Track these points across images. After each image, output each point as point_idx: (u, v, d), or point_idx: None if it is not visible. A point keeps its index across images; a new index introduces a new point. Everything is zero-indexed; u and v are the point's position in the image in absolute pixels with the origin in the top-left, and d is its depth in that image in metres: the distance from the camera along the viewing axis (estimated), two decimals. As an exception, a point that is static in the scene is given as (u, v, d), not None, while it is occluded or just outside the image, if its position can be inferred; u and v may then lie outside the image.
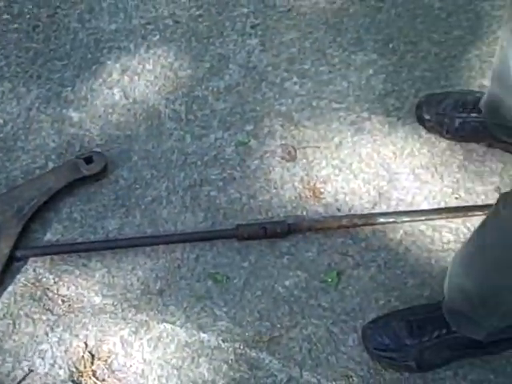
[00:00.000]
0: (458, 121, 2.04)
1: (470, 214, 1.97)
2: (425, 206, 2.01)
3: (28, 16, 2.39)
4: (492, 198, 1.99)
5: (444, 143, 2.10)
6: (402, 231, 1.97)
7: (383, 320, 1.81)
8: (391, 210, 2.00)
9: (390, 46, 2.28)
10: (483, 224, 1.50)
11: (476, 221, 1.95)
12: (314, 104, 2.19)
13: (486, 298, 1.54)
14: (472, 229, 1.94)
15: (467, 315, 1.64)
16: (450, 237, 1.96)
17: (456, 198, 2.01)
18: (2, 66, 2.28)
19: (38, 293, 1.88)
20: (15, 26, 2.37)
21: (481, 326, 1.63)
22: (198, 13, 2.39)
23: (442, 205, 2.01)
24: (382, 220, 1.96)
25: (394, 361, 1.77)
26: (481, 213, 1.94)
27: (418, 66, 2.24)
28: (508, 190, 1.38)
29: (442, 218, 1.97)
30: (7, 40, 2.34)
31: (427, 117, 2.09)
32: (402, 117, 2.15)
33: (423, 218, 1.97)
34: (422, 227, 1.97)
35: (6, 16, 2.40)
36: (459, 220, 1.97)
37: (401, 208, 2.00)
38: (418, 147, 2.10)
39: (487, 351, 1.77)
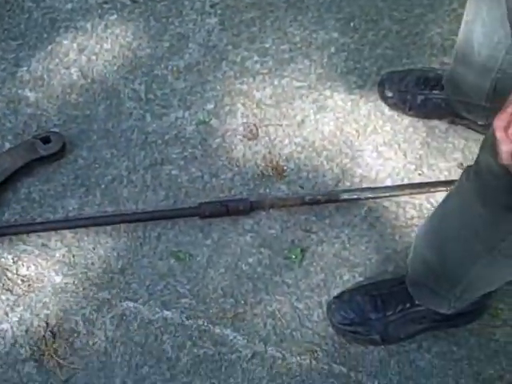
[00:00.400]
0: (420, 98, 2.05)
1: (433, 190, 1.97)
2: (388, 183, 2.00)
3: (-19, -4, 2.34)
4: (455, 175, 1.99)
5: (406, 120, 2.10)
6: (365, 208, 1.97)
7: (348, 295, 1.80)
8: (355, 187, 2.00)
9: (352, 24, 2.27)
10: (447, 196, 1.50)
11: (439, 197, 1.95)
12: (276, 82, 2.17)
13: (448, 269, 1.54)
14: (435, 204, 1.95)
15: (430, 288, 1.64)
16: (413, 213, 1.95)
17: (419, 175, 2.01)
18: (-45, 46, 2.23)
19: (-3, 273, 1.85)
20: (-32, 6, 2.32)
21: (444, 299, 1.63)
22: (156, -8, 2.36)
23: (406, 181, 2.01)
24: (345, 197, 1.95)
25: (359, 335, 1.77)
26: (444, 189, 1.95)
27: (380, 43, 2.23)
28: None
29: (405, 195, 1.97)
30: (-40, 20, 2.28)
31: (389, 94, 2.09)
32: (365, 95, 2.15)
33: (387, 194, 1.97)
34: (386, 203, 1.97)
35: (-42, -4, 2.34)
36: (423, 196, 1.97)
37: (364, 185, 2.00)
38: (380, 124, 2.10)
39: (451, 324, 1.78)
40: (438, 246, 1.55)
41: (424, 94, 2.05)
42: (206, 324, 1.79)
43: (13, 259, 1.86)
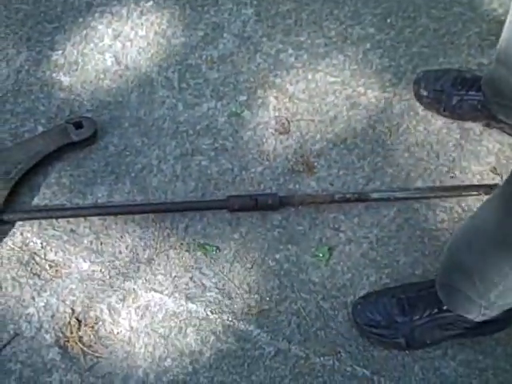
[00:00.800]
0: (455, 98, 2.02)
1: (464, 193, 1.95)
2: (419, 184, 1.98)
3: (18, -23, 2.34)
4: (487, 179, 1.98)
5: (440, 121, 2.07)
6: (395, 208, 1.95)
7: (374, 296, 1.79)
8: (385, 186, 1.98)
9: (388, 20, 2.25)
10: (490, 198, 1.48)
11: (471, 201, 1.94)
12: (310, 77, 2.15)
13: (486, 272, 1.52)
14: (467, 209, 1.93)
15: (463, 292, 1.62)
16: (444, 216, 1.94)
17: (451, 177, 1.99)
18: (-9, 26, 2.23)
19: (26, 257, 1.85)
20: (5, -14, 2.31)
21: (475, 304, 1.61)
22: (193, -20, 2.35)
23: (437, 183, 1.99)
24: (375, 196, 1.93)
25: (384, 337, 1.76)
26: (476, 193, 1.93)
27: (416, 41, 2.21)
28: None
29: (436, 197, 1.95)
30: (-4, 0, 2.29)
31: (424, 93, 2.07)
32: (399, 93, 2.12)
33: (417, 195, 1.95)
34: (416, 205, 1.95)
35: (-5, -24, 2.34)
36: (454, 199, 1.95)
37: (395, 185, 1.98)
38: (413, 124, 2.08)
39: (477, 332, 1.76)
40: (477, 249, 1.53)
41: (460, 94, 2.02)
42: (230, 319, 1.79)
43: (41, 244, 1.87)
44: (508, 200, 1.35)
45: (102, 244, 1.87)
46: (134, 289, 1.82)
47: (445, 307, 1.70)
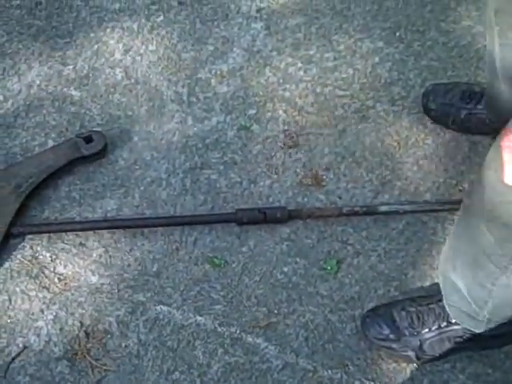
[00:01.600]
0: (464, 112, 2.02)
1: (472, 206, 1.95)
2: (428, 197, 1.99)
3: (30, -7, 2.37)
4: (495, 191, 1.97)
5: (449, 134, 2.08)
6: (403, 221, 1.95)
7: (383, 309, 1.79)
8: (393, 199, 1.98)
9: (397, 34, 2.26)
10: (457, 219, 1.49)
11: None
12: (318, 90, 2.16)
13: (473, 292, 1.52)
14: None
15: (463, 310, 1.62)
16: (452, 229, 1.93)
17: (460, 191, 1.99)
18: (4, 42, 2.25)
19: (35, 270, 1.86)
20: (17, 2, 2.34)
21: (477, 320, 1.61)
22: (203, -6, 2.37)
23: (446, 196, 1.99)
24: (383, 209, 1.94)
25: (393, 351, 1.75)
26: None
27: (425, 55, 2.21)
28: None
29: (444, 210, 1.95)
30: (9, 16, 2.31)
31: (433, 107, 2.07)
32: (408, 106, 2.13)
33: (426, 208, 1.95)
34: (425, 218, 1.95)
35: (8, -8, 2.37)
36: (462, 212, 1.95)
37: (403, 198, 1.98)
38: (422, 137, 2.08)
39: (486, 345, 1.76)
40: (459, 269, 1.53)
41: (468, 108, 2.02)
42: (238, 332, 1.80)
43: (51, 257, 1.88)
44: (470, 217, 1.36)
45: (110, 257, 1.89)
46: (142, 302, 1.83)
47: (453, 320, 1.69)
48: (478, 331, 1.65)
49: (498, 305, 1.50)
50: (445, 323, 1.70)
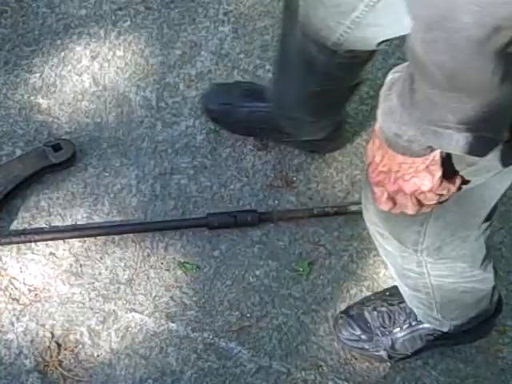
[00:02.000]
0: (244, 111, 2.00)
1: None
2: (397, 196, 1.99)
3: (-4, 1, 2.35)
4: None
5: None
6: (374, 220, 1.95)
7: (355, 310, 1.79)
8: (364, 199, 1.98)
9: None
10: None
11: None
12: (287, 92, 2.16)
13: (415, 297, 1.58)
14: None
15: (427, 312, 1.63)
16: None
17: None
18: (-31, 50, 2.24)
19: (4, 282, 1.85)
20: (-17, 11, 2.33)
21: (438, 320, 1.62)
22: (169, -1, 2.36)
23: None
24: (354, 209, 1.94)
25: (366, 351, 1.76)
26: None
27: (393, 54, 2.21)
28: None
29: (414, 208, 1.96)
30: (-26, 25, 2.30)
31: (213, 107, 2.05)
32: (376, 105, 2.12)
33: (396, 207, 1.95)
34: (395, 216, 1.96)
35: (-28, 1, 2.35)
36: (432, 209, 1.96)
37: (373, 197, 1.99)
38: (391, 136, 2.08)
39: (458, 341, 1.77)
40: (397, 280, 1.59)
41: (248, 106, 2.00)
42: (211, 337, 1.80)
43: (20, 268, 1.87)
44: None
45: (81, 266, 1.88)
46: (114, 310, 1.82)
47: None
48: (444, 330, 1.66)
49: (442, 303, 1.52)
50: (415, 322, 1.71)
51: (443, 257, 1.34)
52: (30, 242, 1.89)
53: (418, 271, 1.41)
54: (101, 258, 1.89)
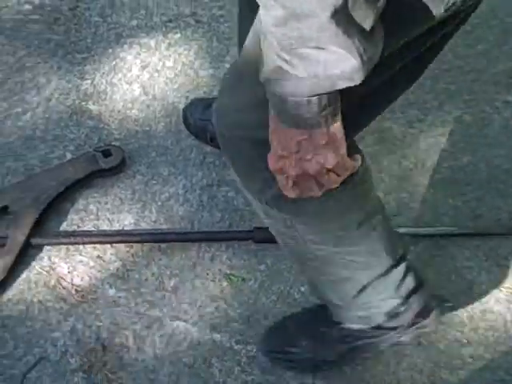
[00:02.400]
0: None
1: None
2: (446, 221, 1.98)
3: (49, 8, 2.38)
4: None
5: (466, 158, 2.08)
6: (420, 244, 1.94)
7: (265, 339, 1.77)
8: (411, 222, 1.98)
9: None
10: None
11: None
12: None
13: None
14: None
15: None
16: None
17: (476, 216, 1.99)
18: (23, 56, 2.26)
19: (52, 281, 1.85)
20: (36, 17, 2.36)
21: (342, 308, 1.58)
22: (219, 13, 2.39)
23: (464, 221, 1.98)
24: (401, 231, 1.93)
25: (292, 362, 1.73)
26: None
27: (442, 78, 2.22)
28: None
29: (463, 235, 1.95)
30: (28, 30, 2.32)
31: (191, 121, 2.07)
32: (425, 129, 2.14)
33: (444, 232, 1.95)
34: (442, 242, 1.95)
35: (27, 7, 2.39)
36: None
37: (421, 222, 1.98)
38: (439, 160, 2.08)
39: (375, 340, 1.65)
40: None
41: None
42: (255, 351, 1.78)
43: (68, 269, 1.87)
44: None
45: (128, 271, 1.88)
46: (159, 317, 1.82)
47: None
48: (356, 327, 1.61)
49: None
50: (330, 324, 1.66)
51: None
52: (79, 244, 1.89)
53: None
54: (147, 265, 1.89)
